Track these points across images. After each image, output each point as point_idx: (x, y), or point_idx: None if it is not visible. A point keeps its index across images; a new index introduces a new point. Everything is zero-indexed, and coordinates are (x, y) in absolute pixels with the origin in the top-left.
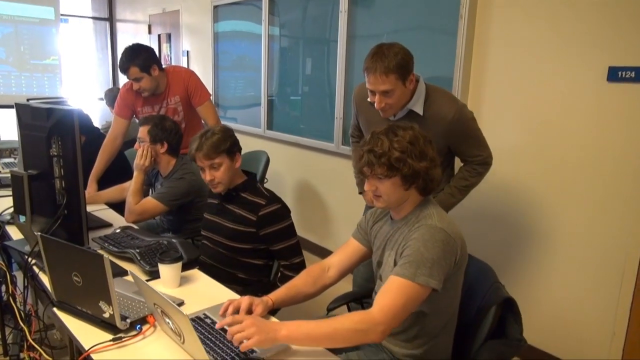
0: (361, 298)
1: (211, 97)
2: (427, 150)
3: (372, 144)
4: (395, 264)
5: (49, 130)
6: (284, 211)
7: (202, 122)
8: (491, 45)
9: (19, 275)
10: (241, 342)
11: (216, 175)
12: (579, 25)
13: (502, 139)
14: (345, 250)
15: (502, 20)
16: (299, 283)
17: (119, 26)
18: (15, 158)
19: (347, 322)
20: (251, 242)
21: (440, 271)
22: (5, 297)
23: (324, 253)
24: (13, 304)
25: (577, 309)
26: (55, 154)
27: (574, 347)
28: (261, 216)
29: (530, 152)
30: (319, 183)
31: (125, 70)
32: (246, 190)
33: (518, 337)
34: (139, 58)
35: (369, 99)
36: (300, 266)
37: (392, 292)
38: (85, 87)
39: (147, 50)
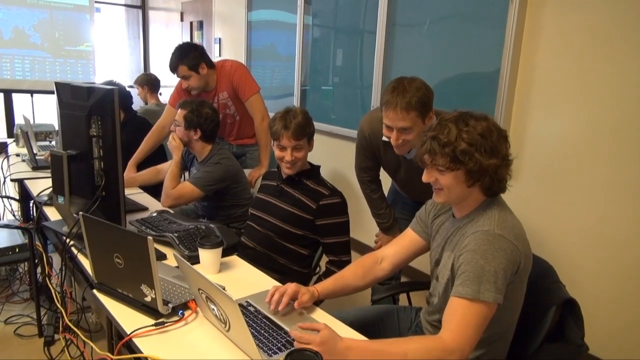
0: (408, 290)
1: (260, 90)
2: (500, 146)
3: (438, 131)
4: (452, 268)
5: (89, 109)
6: (344, 207)
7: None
8: (543, 34)
9: (55, 257)
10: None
11: (297, 156)
12: None
13: (552, 135)
14: (402, 242)
15: (555, 7)
16: (347, 275)
17: (151, 14)
18: (50, 141)
19: (420, 351)
20: (305, 229)
21: (504, 283)
22: (41, 279)
23: (356, 245)
24: (50, 285)
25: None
26: (95, 134)
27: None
28: (321, 205)
29: (584, 148)
30: (351, 173)
31: (174, 69)
32: (310, 178)
33: (579, 342)
34: (187, 57)
35: (384, 135)
36: (346, 265)
37: (459, 316)
38: (116, 75)
39: (196, 49)
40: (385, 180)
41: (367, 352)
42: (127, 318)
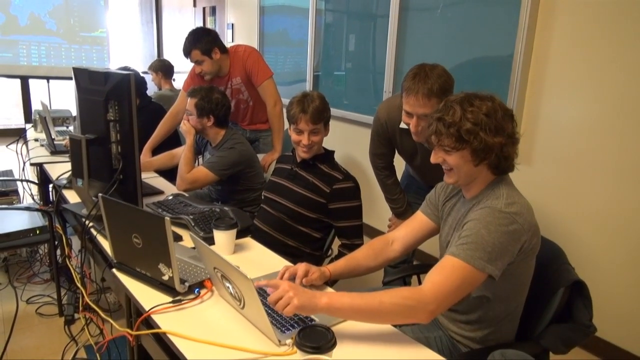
0: (419, 273)
1: (272, 75)
2: (506, 125)
3: (443, 112)
4: None
5: (106, 94)
6: (357, 191)
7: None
8: (557, 18)
9: (74, 239)
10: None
11: (314, 140)
12: None
13: (565, 119)
14: (412, 224)
15: None
16: (359, 256)
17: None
18: (67, 126)
19: (395, 296)
20: (318, 213)
21: (500, 258)
22: (60, 260)
23: (368, 230)
24: (70, 266)
25: None
26: (112, 118)
27: None
28: (335, 189)
29: (597, 133)
30: (363, 158)
31: (187, 54)
32: (324, 163)
33: (587, 322)
34: (200, 41)
35: (402, 122)
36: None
37: (446, 271)
38: (130, 61)
39: (209, 33)
40: (398, 165)
41: (342, 296)
42: (145, 296)
